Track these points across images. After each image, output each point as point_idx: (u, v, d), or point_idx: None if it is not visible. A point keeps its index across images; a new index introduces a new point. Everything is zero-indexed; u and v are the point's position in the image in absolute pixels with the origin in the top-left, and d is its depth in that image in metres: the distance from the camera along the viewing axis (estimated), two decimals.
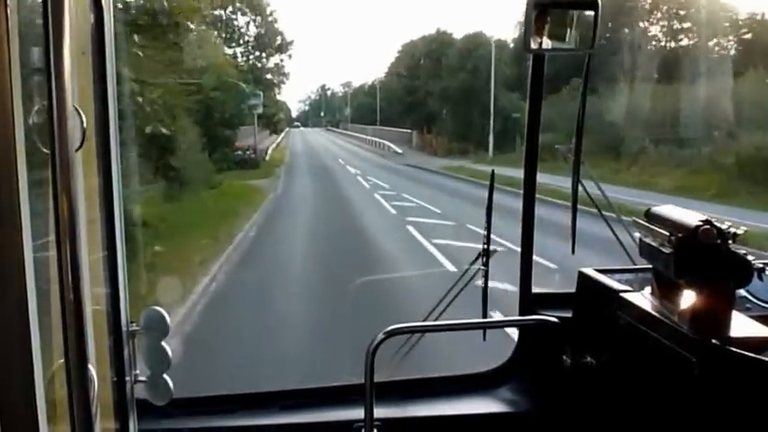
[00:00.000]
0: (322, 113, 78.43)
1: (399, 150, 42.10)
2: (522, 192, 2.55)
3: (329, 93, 79.52)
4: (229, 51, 35.54)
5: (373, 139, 50.16)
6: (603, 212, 2.62)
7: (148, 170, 15.08)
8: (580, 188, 2.56)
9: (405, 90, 49.94)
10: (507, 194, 3.39)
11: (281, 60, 41.00)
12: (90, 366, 1.25)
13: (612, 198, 2.72)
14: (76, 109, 1.21)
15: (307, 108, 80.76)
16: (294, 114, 75.57)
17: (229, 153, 28.43)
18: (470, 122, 38.63)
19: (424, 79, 46.58)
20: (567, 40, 2.25)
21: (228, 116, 27.03)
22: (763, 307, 2.06)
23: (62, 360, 1.21)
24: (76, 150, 1.22)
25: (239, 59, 36.72)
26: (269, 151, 37.61)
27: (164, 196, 16.40)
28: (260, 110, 32.70)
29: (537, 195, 2.55)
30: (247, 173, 28.04)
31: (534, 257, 2.59)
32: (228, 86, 26.73)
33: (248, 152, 31.82)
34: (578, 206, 2.55)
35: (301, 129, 73.53)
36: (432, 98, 43.93)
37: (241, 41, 38.89)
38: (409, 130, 47.40)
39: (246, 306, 10.14)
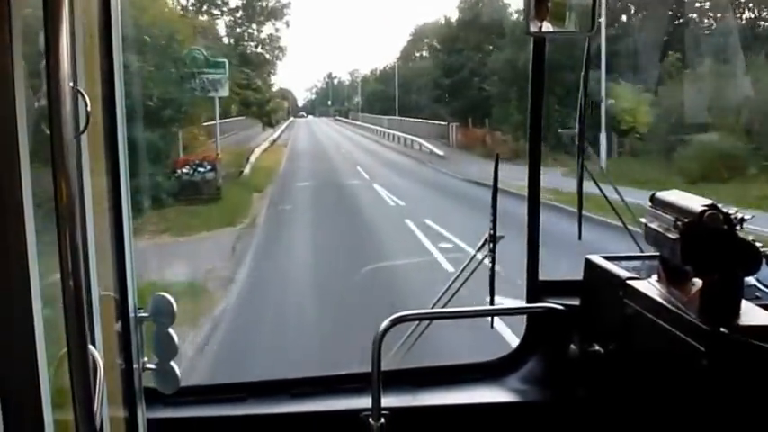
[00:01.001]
0: (329, 102, 73.44)
1: (440, 152, 28.80)
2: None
3: (336, 81, 73.77)
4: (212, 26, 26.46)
5: (395, 133, 38.32)
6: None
7: None
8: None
9: (441, 69, 36.15)
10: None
11: (277, 30, 29.85)
12: (96, 353, 1.25)
13: None
14: (80, 92, 1.20)
15: (313, 97, 76.23)
16: (300, 103, 72.17)
17: (162, 176, 15.22)
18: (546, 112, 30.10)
19: (468, 54, 33.71)
20: (567, 23, 2.27)
21: (158, 102, 14.71)
22: None
23: (65, 348, 1.20)
24: (81, 133, 1.21)
25: (224, 34, 27.83)
26: (251, 159, 23.07)
27: None
28: (223, 91, 19.35)
29: None
30: (188, 215, 14.23)
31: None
32: (163, 50, 15.40)
33: (201, 170, 16.63)
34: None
35: (307, 119, 68.35)
36: (481, 79, 31.13)
37: (225, 9, 28.72)
38: (443, 122, 34.29)
39: None
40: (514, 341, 2.78)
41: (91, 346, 1.21)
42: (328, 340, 7.64)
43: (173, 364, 1.69)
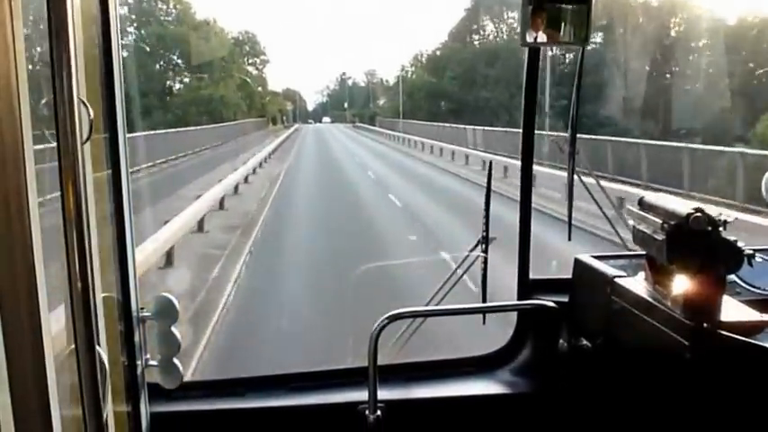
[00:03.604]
0: (345, 105, 61.40)
1: None
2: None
3: (350, 82, 63.32)
4: None
5: (497, 158, 17.64)
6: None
7: None
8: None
9: None
10: None
11: None
12: (101, 351, 1.30)
13: None
14: (83, 102, 1.25)
15: (325, 100, 64.54)
16: (311, 107, 61.71)
17: None
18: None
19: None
20: (561, 34, 2.31)
21: None
22: (753, 291, 2.13)
23: (73, 346, 1.25)
24: (84, 143, 1.26)
25: None
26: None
27: None
28: None
29: None
30: None
31: None
32: None
33: None
34: None
35: (316, 125, 55.06)
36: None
37: None
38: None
39: None
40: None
41: (96, 345, 1.26)
42: None
43: (175, 360, 1.75)
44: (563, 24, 2.29)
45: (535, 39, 2.30)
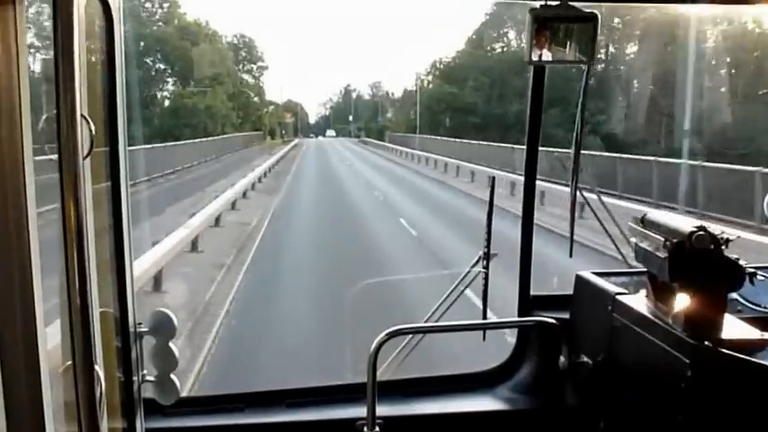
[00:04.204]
0: (350, 118, 57.53)
1: None
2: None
3: (354, 95, 58.95)
4: None
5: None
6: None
7: None
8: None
9: None
10: None
11: None
12: (97, 367, 1.28)
13: None
14: (85, 117, 1.24)
15: (328, 112, 60.74)
16: (313, 120, 57.87)
17: None
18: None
19: None
20: (567, 52, 2.32)
21: None
22: (754, 309, 2.13)
23: (70, 362, 1.24)
24: (86, 157, 1.25)
25: None
26: None
27: None
28: None
29: None
30: None
31: None
32: None
33: None
34: None
35: (319, 140, 50.49)
36: None
37: None
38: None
39: None
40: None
41: (94, 362, 1.25)
42: None
43: (172, 376, 1.73)
44: (569, 42, 2.30)
45: (540, 57, 2.31)
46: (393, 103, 49.63)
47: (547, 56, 2.31)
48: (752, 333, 1.86)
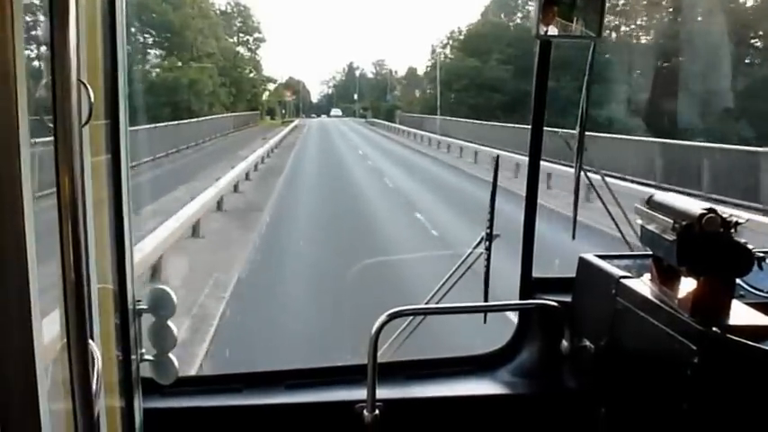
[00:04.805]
0: (355, 97, 55.17)
1: None
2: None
3: (358, 72, 56.52)
4: None
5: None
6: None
7: None
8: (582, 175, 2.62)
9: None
10: None
11: None
12: (93, 345, 1.25)
13: None
14: (83, 83, 1.19)
15: (330, 91, 58.71)
16: (315, 99, 56.52)
17: None
18: None
19: None
20: (574, 27, 2.29)
21: None
22: (758, 294, 2.09)
23: (65, 340, 1.20)
24: (83, 125, 1.20)
25: None
26: None
27: None
28: None
29: None
30: None
31: None
32: None
33: None
34: None
35: (321, 120, 47.70)
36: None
37: None
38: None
39: None
40: None
41: (89, 340, 1.21)
42: None
43: (171, 355, 1.71)
44: (575, 17, 2.27)
45: (546, 32, 2.28)
46: (399, 81, 46.61)
47: (553, 30, 2.28)
48: (761, 319, 1.83)
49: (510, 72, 23.68)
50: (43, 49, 1.19)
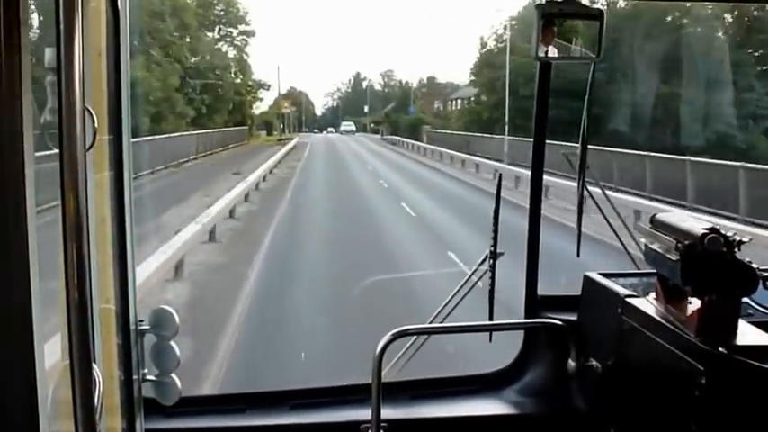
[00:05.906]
0: (365, 109, 48.15)
1: None
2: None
3: (365, 84, 53.20)
4: None
5: None
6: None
7: None
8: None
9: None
10: None
11: None
12: (95, 366, 1.25)
13: None
14: (88, 109, 1.21)
15: (335, 104, 54.22)
16: (319, 112, 52.61)
17: None
18: None
19: None
20: (573, 49, 2.33)
21: None
22: (765, 313, 2.08)
23: (68, 361, 1.21)
24: (88, 149, 1.22)
25: None
26: None
27: None
28: None
29: None
30: None
31: None
32: None
33: None
34: None
35: (327, 136, 41.77)
36: None
37: None
38: None
39: None
40: None
41: (92, 361, 1.22)
42: None
43: (173, 375, 1.70)
44: (574, 39, 2.30)
45: (546, 53, 2.30)
46: (414, 93, 42.02)
47: (553, 52, 2.31)
48: (767, 339, 1.82)
49: (606, 73, 16.01)
50: (50, 77, 1.22)
